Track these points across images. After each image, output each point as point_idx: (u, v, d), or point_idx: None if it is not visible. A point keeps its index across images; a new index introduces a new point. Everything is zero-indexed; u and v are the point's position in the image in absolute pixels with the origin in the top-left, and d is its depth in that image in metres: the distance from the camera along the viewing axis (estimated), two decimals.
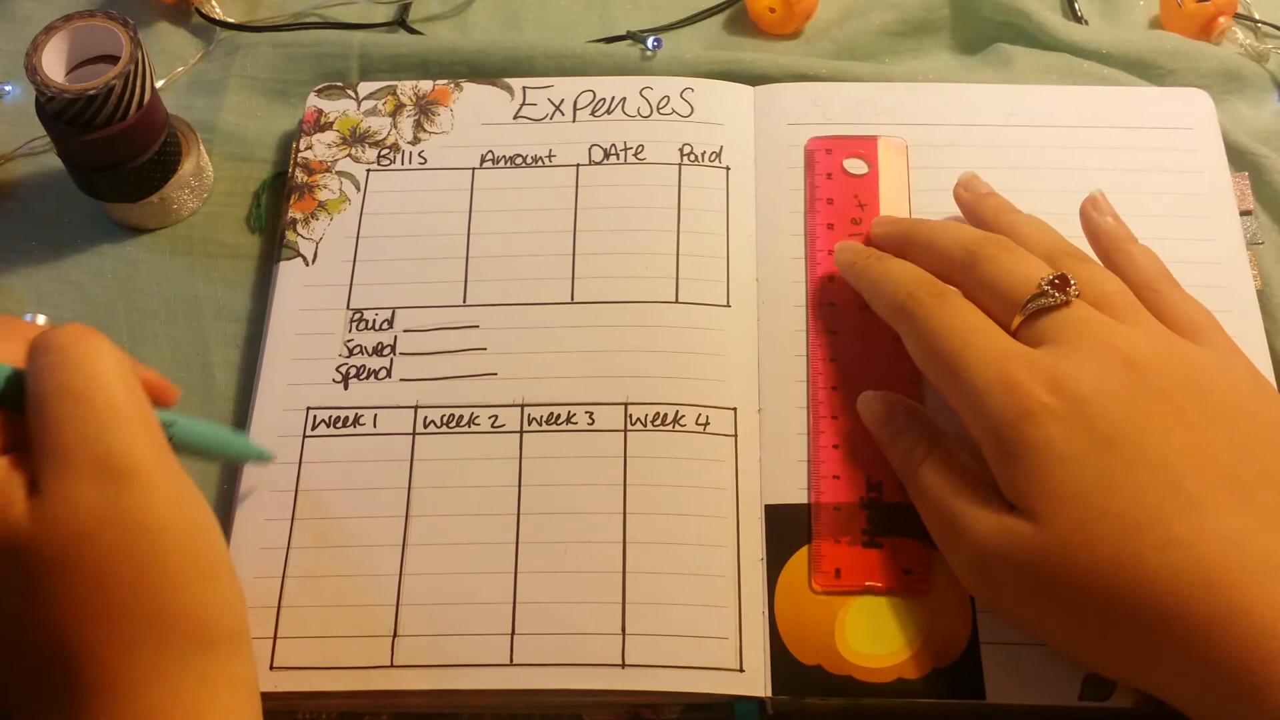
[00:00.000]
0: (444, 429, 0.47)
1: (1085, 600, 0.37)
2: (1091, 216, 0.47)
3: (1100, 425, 0.38)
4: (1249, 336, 0.48)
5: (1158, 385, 0.39)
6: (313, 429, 0.47)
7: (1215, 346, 0.42)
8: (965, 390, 0.40)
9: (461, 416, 0.47)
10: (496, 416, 0.47)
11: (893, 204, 0.51)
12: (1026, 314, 0.41)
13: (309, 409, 0.47)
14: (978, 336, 0.41)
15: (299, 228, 0.52)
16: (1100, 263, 0.45)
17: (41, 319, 0.50)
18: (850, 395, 0.46)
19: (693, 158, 0.52)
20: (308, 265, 0.51)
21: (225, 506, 0.46)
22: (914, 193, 0.51)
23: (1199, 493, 0.37)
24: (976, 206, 0.48)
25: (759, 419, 0.47)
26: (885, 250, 0.47)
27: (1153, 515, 0.37)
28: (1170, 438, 0.38)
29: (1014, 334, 0.42)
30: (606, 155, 0.53)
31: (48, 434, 0.35)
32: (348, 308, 0.50)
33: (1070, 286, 0.41)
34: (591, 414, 0.47)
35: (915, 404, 0.45)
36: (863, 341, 0.48)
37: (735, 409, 0.47)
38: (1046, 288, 0.41)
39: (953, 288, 0.43)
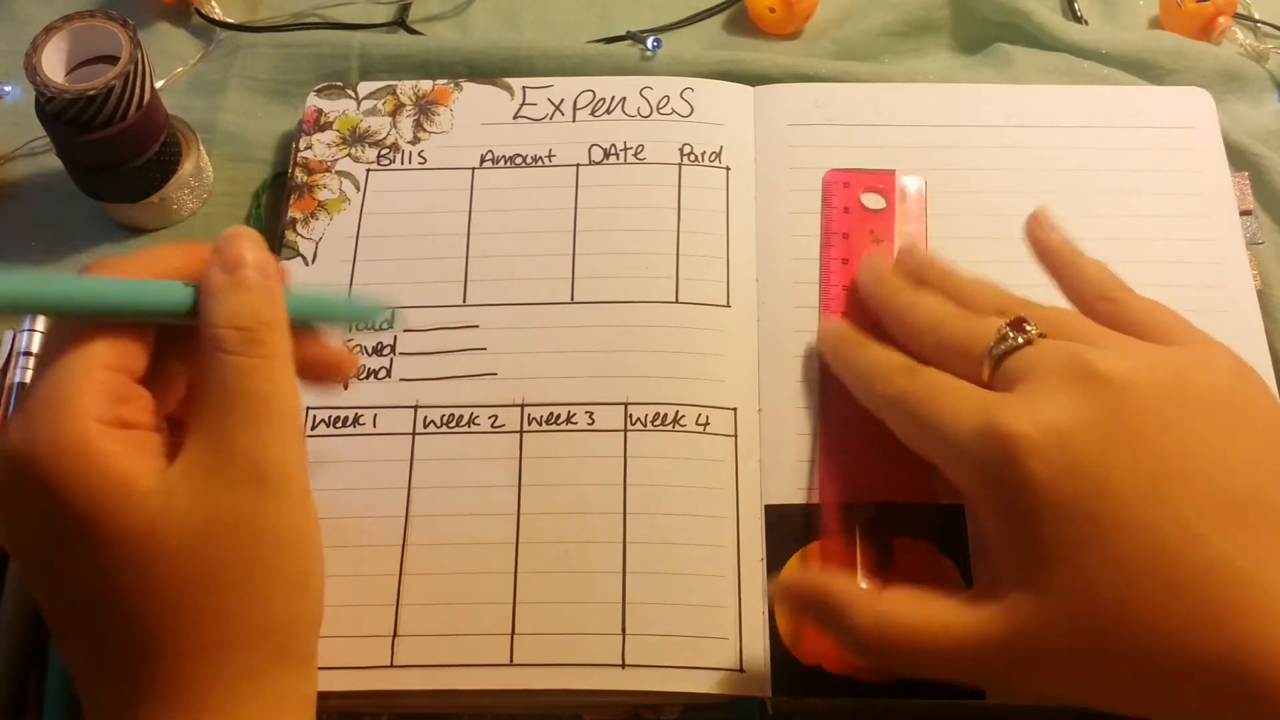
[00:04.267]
0: (444, 429, 0.47)
1: (1096, 655, 0.36)
2: (1036, 234, 0.45)
3: (1089, 459, 0.36)
4: (1249, 337, 0.48)
5: (1139, 403, 0.37)
6: (312, 429, 0.47)
7: (1188, 344, 0.40)
8: (951, 451, 0.39)
9: (461, 416, 0.47)
10: (496, 416, 0.47)
11: (909, 240, 0.50)
12: (993, 360, 0.40)
13: (309, 408, 0.47)
14: (950, 396, 0.40)
15: (299, 227, 0.52)
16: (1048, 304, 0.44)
17: (41, 320, 0.50)
18: (863, 434, 0.46)
19: (693, 158, 0.52)
20: (307, 265, 0.51)
21: None
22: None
23: (1197, 522, 0.36)
24: (922, 274, 0.46)
25: (759, 419, 0.47)
26: (877, 308, 0.46)
27: (1153, 558, 0.35)
28: (1163, 466, 0.36)
29: (989, 386, 0.40)
30: (606, 155, 0.53)
31: (214, 427, 0.35)
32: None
33: (1028, 325, 0.40)
34: (591, 414, 0.47)
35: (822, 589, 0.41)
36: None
37: (735, 409, 0.47)
38: (1006, 331, 0.40)
39: (925, 368, 0.42)
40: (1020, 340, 0.40)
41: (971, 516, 0.44)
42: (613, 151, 0.53)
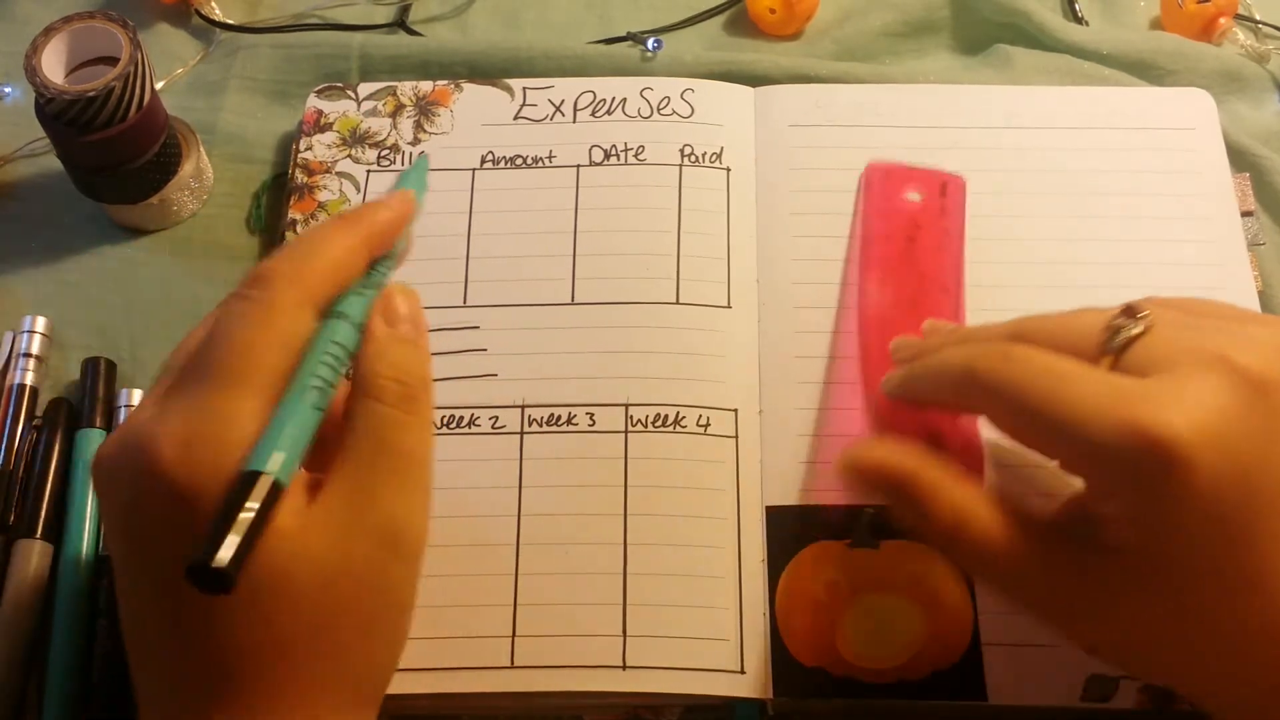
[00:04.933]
0: (444, 430, 0.47)
1: (1190, 644, 0.34)
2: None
3: (1249, 466, 0.33)
4: None
5: None
6: None
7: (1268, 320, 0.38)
8: (1079, 447, 0.34)
9: (462, 418, 0.47)
10: (497, 418, 0.47)
11: (946, 240, 0.50)
12: (1115, 351, 0.35)
13: None
14: (1076, 383, 0.34)
15: (299, 228, 0.51)
16: None
17: (41, 321, 0.50)
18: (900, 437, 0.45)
19: (693, 159, 0.52)
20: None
21: None
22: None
23: None
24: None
25: (760, 420, 0.47)
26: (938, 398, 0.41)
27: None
28: None
29: None
30: (607, 156, 0.53)
31: (361, 478, 0.35)
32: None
33: (1141, 312, 0.36)
34: (592, 415, 0.47)
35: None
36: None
37: (736, 410, 0.47)
38: (1119, 321, 0.36)
39: (1017, 345, 0.37)
40: (1139, 329, 0.35)
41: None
42: (613, 152, 0.53)
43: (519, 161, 0.53)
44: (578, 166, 0.52)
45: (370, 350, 0.37)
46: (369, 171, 0.53)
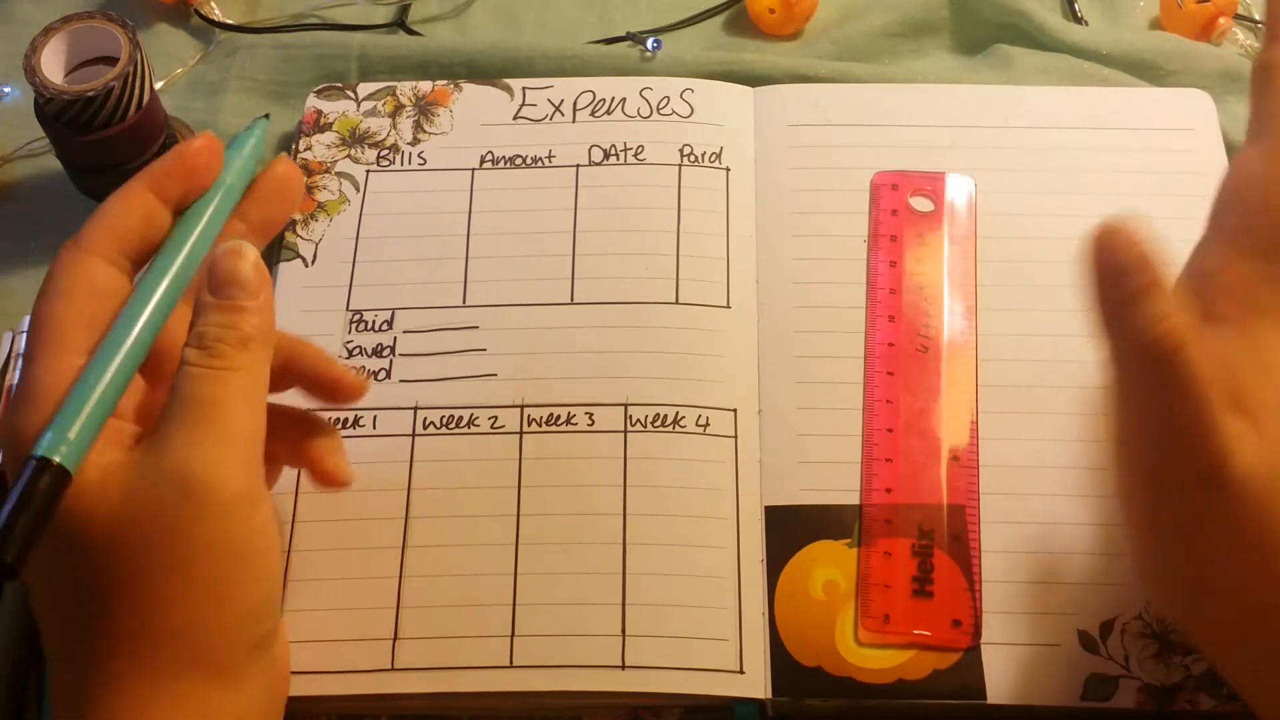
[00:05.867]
0: (443, 430, 0.47)
1: (1265, 535, 0.33)
2: None
3: None
4: None
5: None
6: None
7: None
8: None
9: (461, 418, 0.47)
10: (496, 418, 0.47)
11: (959, 243, 0.50)
12: None
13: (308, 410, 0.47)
14: None
15: (298, 228, 0.51)
16: None
17: None
18: (904, 438, 0.46)
19: (693, 158, 0.52)
20: (307, 266, 0.50)
21: None
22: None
23: None
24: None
25: (759, 420, 0.47)
26: None
27: None
28: None
29: None
30: (606, 156, 0.53)
31: (157, 429, 0.35)
32: (347, 309, 0.49)
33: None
34: (591, 415, 0.47)
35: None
36: (919, 384, 0.47)
37: (735, 410, 0.47)
38: None
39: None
40: None
41: None
42: (613, 152, 0.53)
43: (519, 161, 0.53)
44: (577, 166, 0.52)
45: (193, 321, 0.37)
46: (369, 171, 0.53)
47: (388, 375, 0.48)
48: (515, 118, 0.54)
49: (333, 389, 0.42)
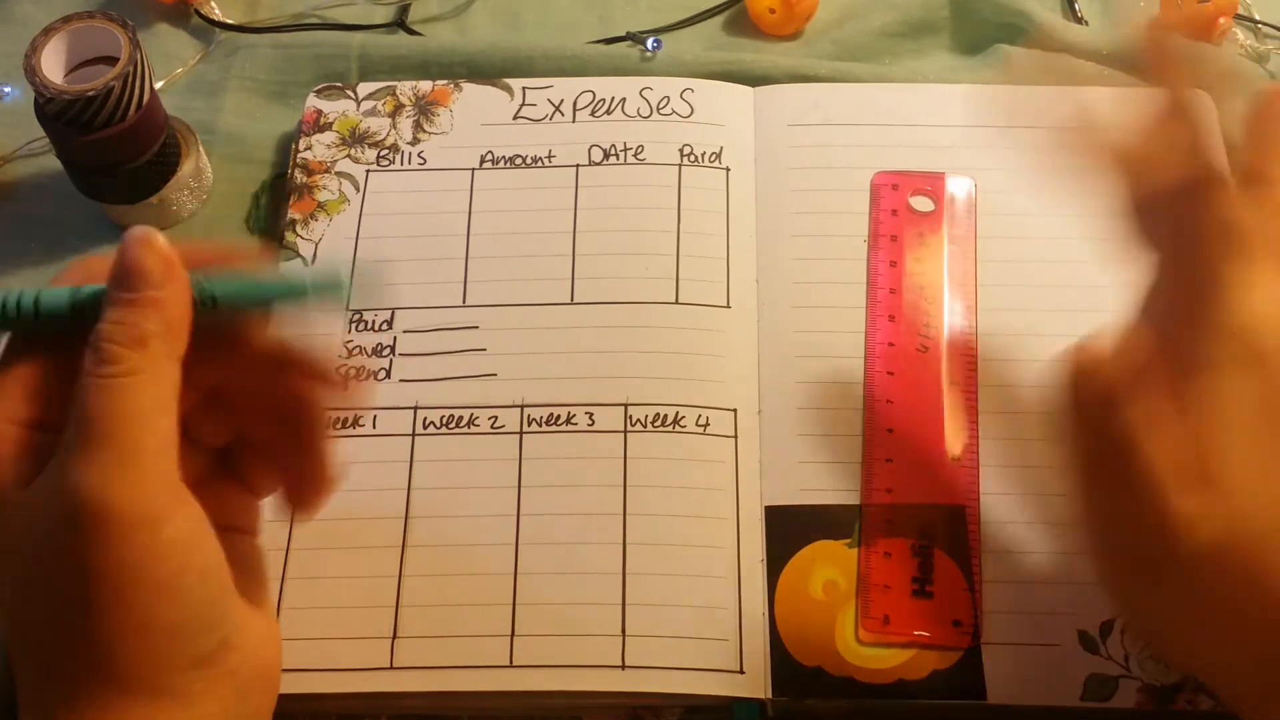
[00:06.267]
0: (443, 430, 0.47)
1: (1228, 594, 0.34)
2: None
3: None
4: None
5: None
6: None
7: None
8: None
9: (461, 417, 0.47)
10: (496, 417, 0.47)
11: (959, 243, 0.50)
12: None
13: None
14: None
15: (298, 228, 0.51)
16: None
17: None
18: (904, 438, 0.46)
19: (693, 158, 0.52)
20: (307, 266, 0.50)
21: None
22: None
23: None
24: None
25: (759, 420, 0.47)
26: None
27: None
28: None
29: None
30: (606, 156, 0.53)
31: (59, 450, 0.34)
32: (347, 309, 0.49)
33: None
34: (591, 415, 0.47)
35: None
36: (919, 384, 0.47)
37: (735, 410, 0.47)
38: None
39: None
40: None
41: None
42: (613, 152, 0.53)
43: (518, 161, 0.53)
44: (577, 166, 0.52)
45: None
46: (368, 171, 0.53)
47: (388, 375, 0.48)
48: (515, 118, 0.54)
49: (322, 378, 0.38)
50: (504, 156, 0.53)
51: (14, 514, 0.34)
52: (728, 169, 0.52)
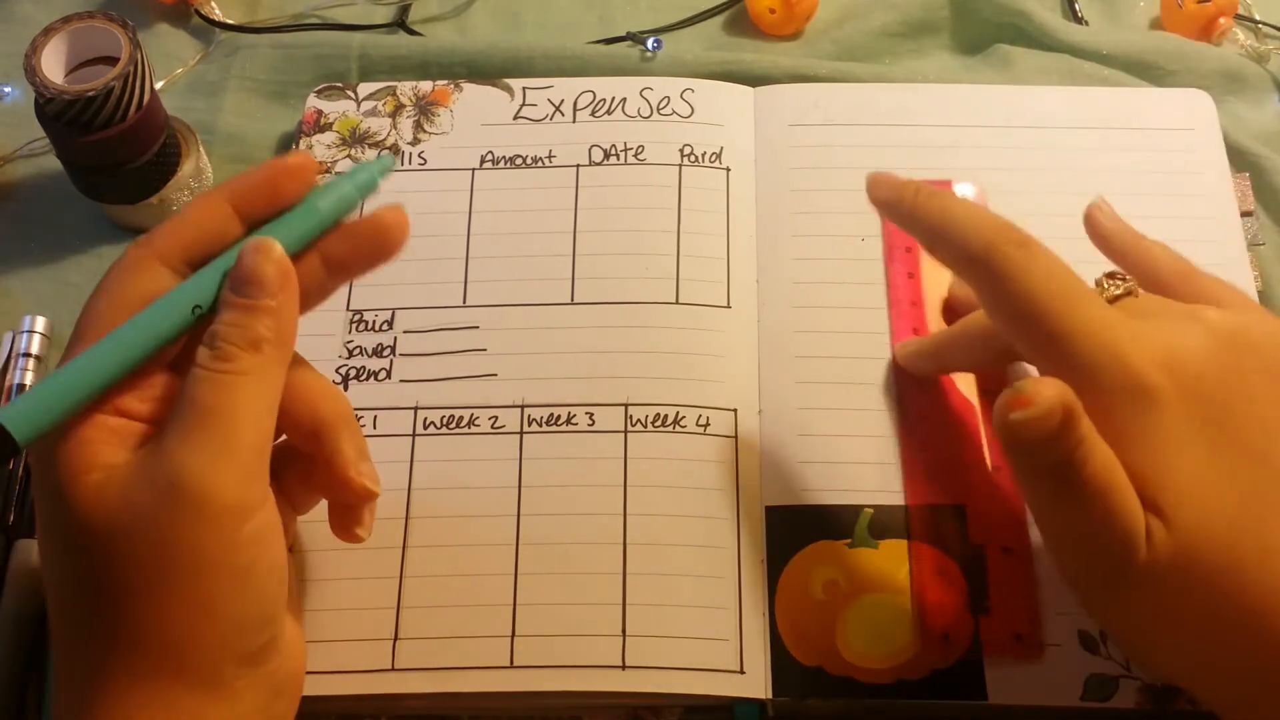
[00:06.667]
0: (444, 430, 0.47)
1: (1186, 610, 0.35)
2: (1100, 220, 0.45)
3: (1215, 413, 0.36)
4: None
5: (1255, 360, 0.37)
6: None
7: (1264, 314, 0.40)
8: (1066, 359, 0.37)
9: (461, 418, 0.47)
10: (496, 418, 0.47)
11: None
12: (1110, 298, 0.39)
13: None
14: (1083, 301, 0.37)
15: None
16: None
17: (40, 321, 0.50)
18: (938, 451, 0.46)
19: (693, 158, 0.52)
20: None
21: None
22: None
23: None
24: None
25: (759, 420, 0.47)
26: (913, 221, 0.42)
27: (1259, 517, 0.35)
28: (1272, 426, 0.36)
29: None
30: (607, 156, 0.53)
31: (160, 433, 0.35)
32: (347, 309, 0.49)
33: (1123, 277, 0.40)
34: (592, 415, 0.47)
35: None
36: (951, 396, 0.47)
37: (735, 410, 0.47)
38: (1104, 281, 0.39)
39: (1033, 239, 0.38)
40: (1125, 287, 0.39)
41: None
42: (613, 152, 0.53)
43: (519, 161, 0.53)
44: (577, 166, 0.52)
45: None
46: None
47: (388, 375, 0.48)
48: (515, 118, 0.54)
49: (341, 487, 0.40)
50: (504, 157, 0.53)
51: (95, 490, 0.34)
52: (728, 169, 0.52)
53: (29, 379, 0.49)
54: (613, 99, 0.54)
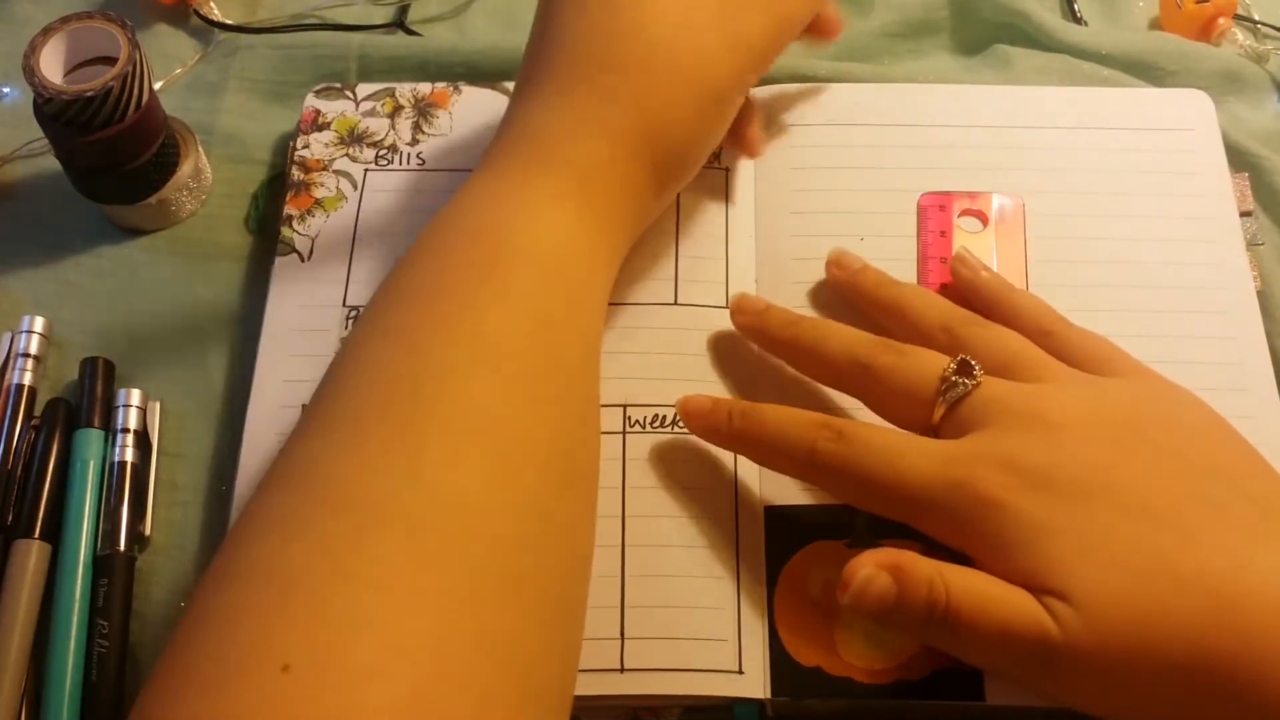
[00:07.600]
0: None
1: (1122, 666, 0.36)
2: (964, 274, 0.47)
3: (1069, 489, 0.38)
4: (1249, 337, 0.48)
5: (1102, 435, 0.39)
6: None
7: (1130, 375, 0.42)
8: (920, 512, 0.40)
9: None
10: None
11: (1009, 261, 0.49)
12: (947, 404, 0.41)
13: (304, 406, 0.47)
14: (906, 457, 0.40)
15: (295, 224, 0.51)
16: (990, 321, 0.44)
17: (39, 321, 0.50)
18: None
19: None
20: (304, 261, 0.50)
21: (224, 507, 0.46)
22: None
23: (1188, 525, 0.37)
24: (854, 282, 0.48)
25: None
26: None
27: (1158, 560, 0.36)
28: (1138, 481, 0.38)
29: (937, 428, 0.41)
30: None
31: None
32: (344, 304, 0.49)
33: (974, 369, 0.41)
34: None
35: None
36: None
37: None
38: (952, 378, 0.41)
39: (848, 423, 0.42)
40: (970, 384, 0.41)
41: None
42: None
43: None
44: None
45: None
46: (366, 170, 0.53)
47: None
48: None
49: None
50: None
51: None
52: (727, 169, 0.52)
53: (28, 379, 0.48)
54: None
